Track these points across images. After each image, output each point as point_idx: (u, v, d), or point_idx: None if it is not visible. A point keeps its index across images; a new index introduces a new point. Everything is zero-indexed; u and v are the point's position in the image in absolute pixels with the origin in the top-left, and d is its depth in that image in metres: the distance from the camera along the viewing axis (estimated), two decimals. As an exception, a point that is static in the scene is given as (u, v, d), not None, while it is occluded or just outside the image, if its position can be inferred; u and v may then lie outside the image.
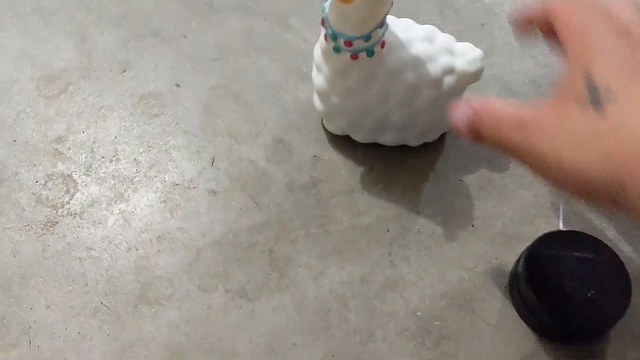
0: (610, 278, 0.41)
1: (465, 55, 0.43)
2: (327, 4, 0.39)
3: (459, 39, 0.44)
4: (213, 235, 0.46)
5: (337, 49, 0.40)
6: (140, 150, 0.49)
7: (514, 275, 0.44)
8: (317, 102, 0.47)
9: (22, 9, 0.58)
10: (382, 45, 0.40)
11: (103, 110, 0.51)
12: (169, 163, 0.49)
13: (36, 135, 0.50)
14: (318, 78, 0.44)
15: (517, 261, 0.44)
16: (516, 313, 0.43)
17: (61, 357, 0.41)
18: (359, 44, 0.39)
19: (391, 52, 0.41)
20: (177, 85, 0.53)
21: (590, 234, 0.43)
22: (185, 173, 0.48)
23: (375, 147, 0.48)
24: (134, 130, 0.50)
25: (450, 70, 0.43)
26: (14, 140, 0.49)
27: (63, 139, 0.50)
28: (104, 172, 0.48)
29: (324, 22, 0.40)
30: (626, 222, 0.47)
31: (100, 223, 0.46)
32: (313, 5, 0.58)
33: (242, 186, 0.48)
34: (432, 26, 0.45)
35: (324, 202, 0.47)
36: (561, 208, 0.47)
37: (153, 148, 0.49)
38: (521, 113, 0.30)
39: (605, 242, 0.42)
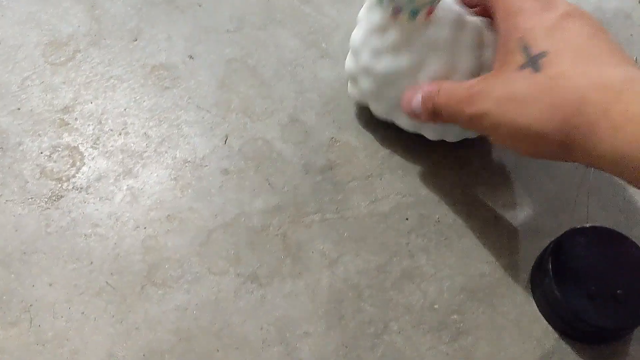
0: (637, 276, 0.40)
1: None
2: None
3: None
4: (225, 217, 0.44)
5: (380, 0, 0.38)
6: (151, 124, 0.47)
7: (537, 270, 0.42)
8: (348, 59, 0.44)
9: (29, -31, 0.55)
10: (429, 12, 0.38)
11: (112, 80, 0.49)
12: (181, 139, 0.47)
13: (42, 104, 0.48)
14: (355, 31, 0.43)
15: (541, 256, 0.42)
16: (537, 309, 0.42)
17: (63, 337, 0.39)
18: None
19: (436, 26, 0.39)
20: (191, 57, 0.50)
21: (617, 230, 0.41)
22: (197, 150, 0.46)
23: (395, 130, 0.46)
24: (145, 103, 0.48)
25: (490, 68, 0.40)
26: (18, 109, 0.47)
27: (70, 108, 0.47)
28: (112, 146, 0.46)
29: None
30: (655, 220, 0.45)
31: (107, 199, 0.44)
32: (335, -21, 0.56)
33: (256, 166, 0.46)
34: (487, 20, 0.42)
35: (341, 186, 0.45)
36: (587, 202, 0.46)
37: (164, 122, 0.47)
38: (468, 85, 0.35)
39: (632, 239, 0.41)
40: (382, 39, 0.40)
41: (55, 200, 0.44)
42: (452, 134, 0.44)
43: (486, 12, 0.40)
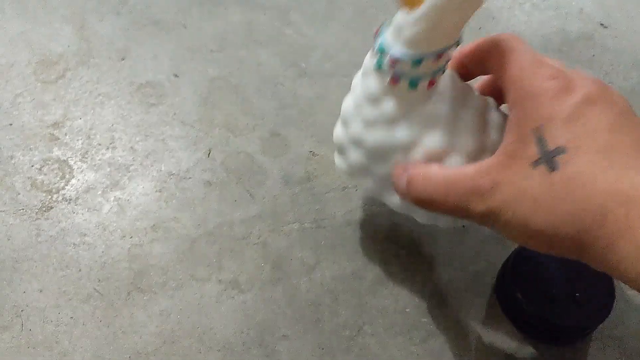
0: (595, 281, 0.42)
1: None
2: (389, 20, 0.34)
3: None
4: (207, 226, 0.46)
5: (379, 65, 0.34)
6: (137, 138, 0.49)
7: (501, 275, 0.44)
8: (337, 128, 0.41)
9: (21, -9, 0.58)
10: (431, 83, 0.34)
11: (101, 98, 0.51)
12: (166, 153, 0.49)
13: (33, 120, 0.50)
14: (347, 100, 0.39)
15: (506, 262, 0.45)
16: (503, 313, 0.44)
17: (53, 340, 0.41)
18: (404, 66, 0.33)
19: (437, 100, 0.35)
20: (176, 76, 0.53)
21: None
22: (182, 163, 0.49)
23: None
24: (131, 119, 0.50)
25: (494, 152, 0.35)
26: (10, 124, 0.49)
27: (60, 124, 0.50)
28: (100, 159, 0.48)
29: (377, 32, 0.34)
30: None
31: (95, 210, 0.46)
32: (314, 2, 0.59)
33: (238, 178, 0.48)
34: (492, 99, 0.38)
35: (319, 197, 0.48)
36: None
37: (150, 137, 0.50)
38: (472, 174, 0.31)
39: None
40: (377, 109, 0.36)
41: (45, 211, 0.46)
42: (444, 222, 0.41)
43: (495, 91, 0.37)
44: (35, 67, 0.53)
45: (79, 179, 0.47)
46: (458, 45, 0.34)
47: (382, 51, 0.33)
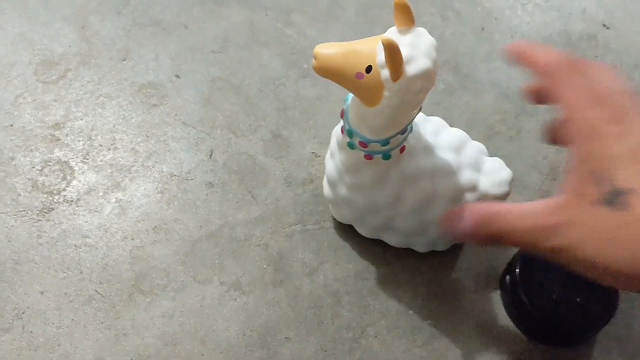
0: (599, 284, 0.42)
1: (492, 175, 0.40)
2: (349, 96, 0.36)
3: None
4: (209, 228, 0.46)
5: (351, 145, 0.37)
6: (139, 139, 0.49)
7: (505, 278, 0.44)
8: (325, 187, 0.44)
9: (22, -8, 0.57)
10: (402, 150, 0.37)
11: (102, 98, 0.51)
12: (167, 154, 0.49)
13: (33, 121, 0.50)
14: (329, 164, 0.42)
15: (509, 264, 0.45)
16: (506, 315, 0.44)
17: (54, 343, 0.41)
18: (375, 146, 0.36)
19: (410, 157, 0.38)
20: (177, 76, 0.53)
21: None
22: (183, 164, 0.48)
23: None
24: (133, 120, 0.50)
25: (472, 188, 0.40)
26: (11, 125, 0.49)
27: (61, 125, 0.49)
28: (101, 160, 0.48)
29: (343, 114, 0.37)
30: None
31: (97, 211, 0.46)
32: (316, 3, 0.58)
33: (240, 179, 0.48)
34: (463, 133, 0.42)
35: (321, 198, 0.47)
36: None
37: (151, 138, 0.49)
38: (541, 211, 0.31)
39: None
40: (358, 177, 0.39)
41: (46, 213, 0.46)
42: (444, 244, 0.44)
43: (559, 136, 0.37)
44: (36, 67, 0.53)
45: (80, 180, 0.47)
46: (420, 111, 0.36)
47: (351, 135, 0.36)
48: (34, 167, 0.47)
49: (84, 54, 0.53)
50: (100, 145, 0.49)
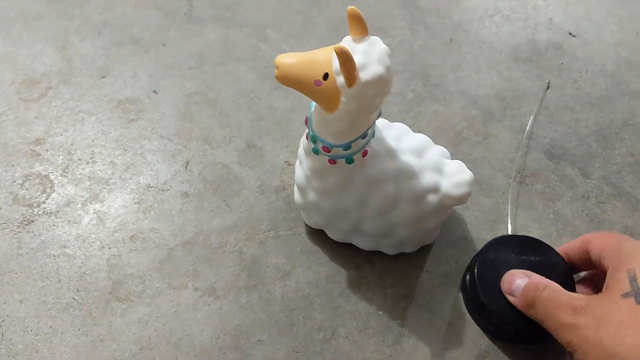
0: (557, 280, 0.43)
1: (453, 176, 0.41)
2: (313, 104, 0.38)
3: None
4: (184, 236, 0.47)
5: (315, 151, 0.39)
6: (117, 153, 0.51)
7: (465, 278, 0.45)
8: (295, 193, 0.46)
9: (6, 14, 0.60)
10: (364, 154, 0.39)
11: (82, 114, 0.53)
12: (144, 166, 0.50)
13: (15, 137, 0.51)
14: (298, 170, 0.44)
15: (469, 265, 0.46)
16: (468, 314, 0.45)
17: (33, 350, 0.42)
18: (337, 151, 0.38)
19: (373, 161, 0.40)
20: (155, 92, 0.55)
21: (536, 238, 0.45)
22: (160, 175, 0.50)
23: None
24: (111, 134, 0.52)
25: (434, 190, 0.41)
26: (-6, 141, 0.51)
27: (41, 141, 0.51)
28: (80, 174, 0.50)
29: (307, 122, 0.39)
30: (582, 228, 0.49)
31: (75, 222, 0.47)
32: (290, 19, 0.61)
33: (215, 189, 0.49)
34: (425, 137, 0.44)
35: (293, 205, 0.49)
36: (509, 213, 0.50)
37: (129, 151, 0.51)
38: (573, 295, 0.37)
39: (558, 246, 0.44)
40: (324, 181, 0.41)
41: (26, 225, 0.47)
42: (411, 246, 0.46)
43: (583, 261, 0.42)
44: (18, 86, 0.54)
45: (59, 193, 0.49)
46: (380, 116, 0.38)
47: (314, 141, 0.38)
48: (15, 181, 0.49)
49: (65, 73, 0.55)
50: (80, 159, 0.50)
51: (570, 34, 0.63)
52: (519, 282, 0.40)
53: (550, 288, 0.38)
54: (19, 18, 0.59)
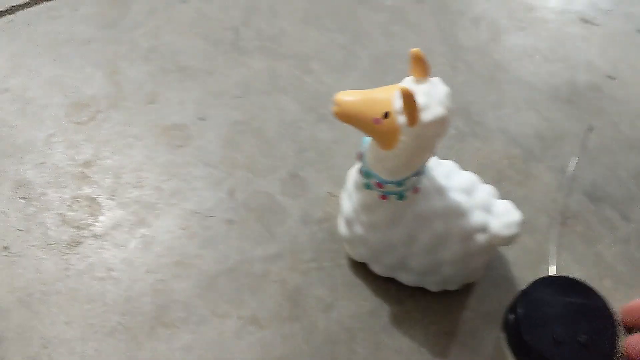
0: (601, 323, 0.43)
1: (502, 216, 0.41)
2: (367, 139, 0.39)
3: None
4: (228, 263, 0.48)
5: (368, 186, 0.39)
6: (163, 178, 0.52)
7: (508, 318, 0.45)
8: (341, 225, 0.46)
9: (56, 37, 0.61)
10: (415, 190, 0.39)
11: (130, 139, 0.54)
12: (190, 192, 0.51)
13: (64, 159, 0.52)
14: (346, 203, 0.44)
15: (512, 304, 0.46)
16: (511, 354, 0.45)
17: (77, 372, 0.42)
18: (390, 187, 0.38)
19: (423, 198, 0.40)
20: (201, 119, 0.55)
21: (588, 282, 0.45)
22: (205, 202, 0.51)
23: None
24: (158, 160, 0.53)
25: (482, 229, 0.41)
26: (43, 162, 0.52)
27: (90, 163, 0.52)
28: (127, 197, 0.50)
29: (360, 157, 0.40)
30: (622, 272, 0.49)
31: (122, 246, 0.48)
32: (333, 52, 0.62)
33: (258, 217, 0.50)
34: (474, 175, 0.44)
35: (336, 236, 0.49)
36: (551, 254, 0.50)
37: (175, 177, 0.52)
38: None
39: (599, 289, 0.44)
40: (373, 216, 0.41)
41: (74, 246, 0.48)
42: (455, 284, 0.46)
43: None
44: (67, 109, 0.56)
45: (107, 216, 0.49)
46: (434, 155, 0.39)
47: (368, 176, 0.39)
48: (63, 203, 0.50)
49: (113, 97, 0.57)
50: (127, 183, 0.51)
51: (609, 76, 0.64)
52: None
53: None
54: (69, 42, 0.61)
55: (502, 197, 0.45)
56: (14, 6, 0.64)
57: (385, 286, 0.47)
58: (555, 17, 0.70)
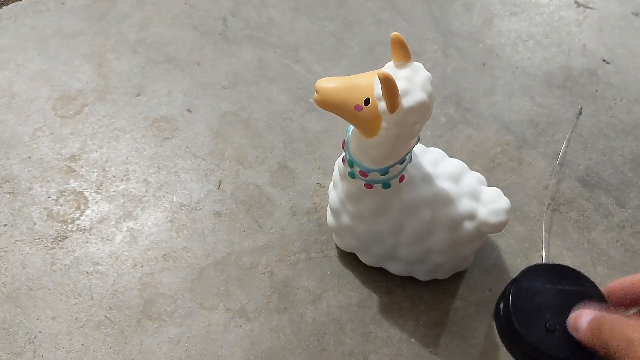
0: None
1: (490, 203, 0.41)
2: (350, 128, 0.38)
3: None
4: (216, 256, 0.47)
5: (352, 175, 0.39)
6: (151, 171, 0.51)
7: (499, 306, 0.45)
8: (329, 216, 0.45)
9: (44, 31, 0.61)
10: (401, 179, 0.39)
11: (116, 132, 0.53)
12: (178, 184, 0.51)
13: (50, 153, 0.52)
14: (332, 193, 0.43)
15: (503, 293, 0.45)
16: (502, 342, 0.44)
17: (64, 367, 0.42)
18: (374, 175, 0.37)
19: (410, 187, 0.40)
20: (189, 111, 0.55)
21: (573, 267, 0.44)
22: (193, 195, 0.50)
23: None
24: (145, 152, 0.52)
25: (471, 216, 0.41)
26: (29, 157, 0.51)
27: (76, 157, 0.52)
28: (114, 191, 0.50)
29: (344, 145, 0.39)
30: (616, 258, 0.48)
31: (108, 239, 0.47)
32: (323, 41, 0.61)
33: (247, 209, 0.49)
34: (462, 163, 0.43)
35: (325, 227, 0.49)
36: (543, 242, 0.49)
37: (163, 169, 0.51)
38: (634, 333, 0.36)
39: (593, 276, 0.44)
40: (359, 206, 0.40)
41: (60, 241, 0.47)
42: (445, 272, 0.45)
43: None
44: (54, 102, 0.55)
45: (93, 210, 0.49)
46: (418, 141, 0.38)
47: (352, 165, 0.38)
48: (49, 197, 0.49)
49: (101, 90, 0.56)
50: (114, 177, 0.51)
51: (604, 60, 0.63)
52: (586, 317, 0.40)
53: (615, 316, 0.38)
54: (56, 35, 0.60)
55: (495, 184, 0.45)
56: (0, 2, 0.63)
57: (375, 276, 0.47)
58: (549, 1, 0.68)
